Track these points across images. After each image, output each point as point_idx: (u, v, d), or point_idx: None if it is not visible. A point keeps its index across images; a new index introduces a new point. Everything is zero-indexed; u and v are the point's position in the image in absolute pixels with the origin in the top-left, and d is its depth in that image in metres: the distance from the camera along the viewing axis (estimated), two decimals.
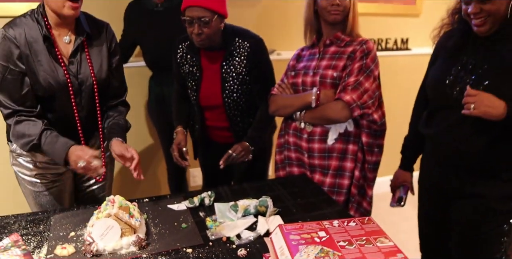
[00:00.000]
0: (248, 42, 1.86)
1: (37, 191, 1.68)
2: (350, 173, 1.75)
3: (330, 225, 1.25)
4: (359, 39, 1.71)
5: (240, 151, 1.88)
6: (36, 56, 1.51)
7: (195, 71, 1.94)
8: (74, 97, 1.58)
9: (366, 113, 1.66)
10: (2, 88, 1.51)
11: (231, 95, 1.90)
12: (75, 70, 1.57)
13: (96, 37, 1.63)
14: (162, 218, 1.44)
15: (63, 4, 1.46)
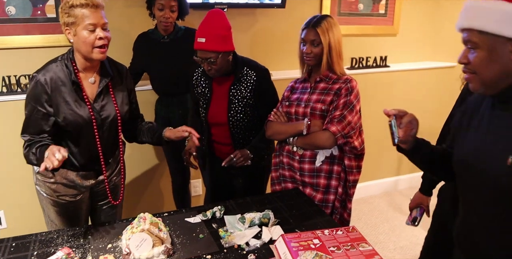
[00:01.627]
0: (255, 71, 2.15)
1: (57, 209, 1.93)
2: (335, 190, 2.05)
3: (322, 233, 1.55)
4: (344, 77, 1.99)
5: (239, 157, 2.15)
6: (64, 97, 1.75)
7: (206, 92, 2.22)
8: (97, 131, 1.83)
9: (348, 142, 1.96)
10: (28, 124, 1.77)
11: (235, 115, 2.18)
12: (99, 108, 1.82)
13: (117, 78, 1.89)
14: (182, 230, 1.73)
15: (92, 50, 1.71)
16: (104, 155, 1.90)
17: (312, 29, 1.95)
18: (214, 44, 1.99)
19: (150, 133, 2.00)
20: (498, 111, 1.23)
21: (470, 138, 1.30)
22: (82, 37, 1.68)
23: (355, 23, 3.48)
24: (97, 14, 1.68)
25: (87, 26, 1.66)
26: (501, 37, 1.11)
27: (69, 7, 1.65)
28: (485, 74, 1.16)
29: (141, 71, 2.63)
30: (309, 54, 1.97)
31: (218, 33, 1.99)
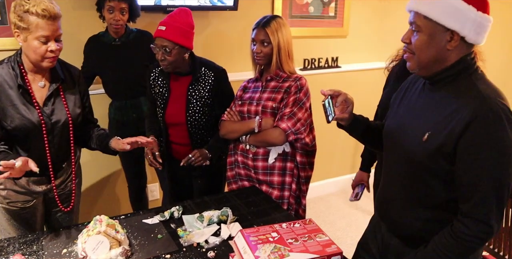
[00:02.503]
0: (213, 71, 2.17)
1: (9, 217, 1.85)
2: (289, 186, 2.09)
3: (280, 227, 1.58)
4: (294, 75, 2.05)
5: (198, 156, 2.15)
6: (11, 101, 1.69)
7: (164, 92, 2.21)
8: (47, 136, 1.77)
9: (299, 138, 2.00)
10: None
11: (194, 114, 2.18)
12: (49, 112, 1.76)
13: (69, 81, 1.83)
14: (139, 231, 1.71)
15: (42, 59, 1.66)
16: (55, 160, 1.84)
17: (261, 29, 1.99)
18: (173, 34, 2.01)
19: (98, 140, 1.94)
20: (426, 92, 1.35)
21: (399, 113, 1.44)
22: (33, 46, 1.62)
23: (306, 25, 3.55)
24: (53, 26, 1.61)
25: (39, 37, 1.60)
26: (442, 26, 1.22)
27: (24, 11, 1.57)
28: (422, 56, 1.27)
29: (93, 74, 2.58)
30: (259, 54, 2.01)
31: (179, 26, 2.02)
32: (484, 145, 1.19)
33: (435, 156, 1.27)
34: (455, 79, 1.28)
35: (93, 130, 1.99)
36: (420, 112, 1.35)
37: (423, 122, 1.32)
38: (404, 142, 1.37)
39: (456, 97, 1.25)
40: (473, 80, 1.26)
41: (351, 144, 3.87)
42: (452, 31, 1.22)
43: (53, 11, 1.59)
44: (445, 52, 1.25)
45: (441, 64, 1.27)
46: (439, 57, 1.26)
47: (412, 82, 1.47)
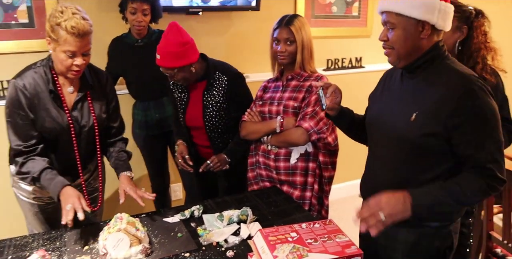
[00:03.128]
0: (226, 75, 2.16)
1: (36, 210, 1.91)
2: (311, 187, 2.07)
3: (299, 227, 1.56)
4: (315, 74, 2.03)
5: (216, 162, 2.16)
6: (43, 104, 1.73)
7: (183, 97, 2.24)
8: (75, 138, 1.82)
9: (321, 137, 1.97)
10: (13, 131, 1.73)
11: (211, 119, 2.19)
12: (77, 116, 1.81)
13: (97, 87, 1.86)
14: (160, 229, 1.72)
15: (67, 71, 1.69)
16: (82, 161, 1.88)
17: (285, 27, 1.98)
18: (167, 61, 2.02)
19: (114, 164, 1.94)
20: (406, 80, 1.51)
21: (382, 102, 1.58)
22: (59, 58, 1.65)
23: (329, 25, 3.52)
24: (81, 43, 1.63)
25: (66, 51, 1.63)
26: (413, 19, 1.38)
27: (56, 24, 1.60)
28: (400, 49, 1.42)
29: (117, 75, 2.62)
30: (283, 53, 1.99)
31: (170, 50, 2.00)
32: (478, 114, 1.34)
33: (425, 134, 1.39)
34: (432, 64, 1.44)
35: (115, 147, 1.98)
36: (404, 97, 1.48)
37: (408, 104, 1.45)
38: (391, 127, 1.49)
39: (438, 78, 1.41)
40: (449, 64, 1.44)
41: None
42: (423, 21, 1.38)
43: (82, 29, 1.60)
44: (420, 41, 1.41)
45: (417, 53, 1.43)
46: (415, 47, 1.42)
47: (389, 76, 1.63)
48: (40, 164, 1.72)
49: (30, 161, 1.72)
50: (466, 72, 1.41)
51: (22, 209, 1.95)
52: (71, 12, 1.61)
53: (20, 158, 1.73)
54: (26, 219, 1.97)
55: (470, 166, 1.38)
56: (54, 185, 1.68)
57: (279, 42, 2.01)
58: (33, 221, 1.93)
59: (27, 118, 1.72)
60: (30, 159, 1.73)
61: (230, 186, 2.37)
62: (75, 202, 1.59)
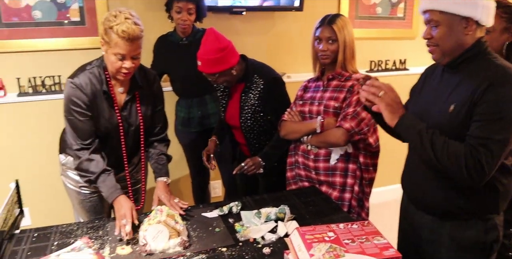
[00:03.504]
0: (263, 79, 2.17)
1: (81, 198, 2.00)
2: (351, 188, 2.04)
3: (337, 227, 1.55)
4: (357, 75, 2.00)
5: (250, 165, 2.18)
6: (98, 104, 1.81)
7: (224, 96, 2.29)
8: (124, 136, 1.89)
9: (362, 138, 1.95)
10: (73, 127, 1.80)
11: (246, 121, 2.21)
12: (126, 115, 1.87)
13: (145, 87, 1.92)
14: (198, 224, 1.75)
15: (117, 73, 1.75)
16: (128, 156, 1.96)
17: (327, 26, 1.97)
18: (208, 67, 2.06)
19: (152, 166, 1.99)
20: (447, 75, 1.52)
21: (421, 98, 1.60)
22: (110, 60, 1.71)
23: (373, 26, 3.48)
24: (131, 47, 1.67)
25: (116, 54, 1.68)
26: (458, 16, 1.40)
27: (109, 27, 1.66)
28: (445, 45, 1.44)
29: (161, 73, 2.68)
30: (325, 52, 1.98)
31: (209, 57, 2.04)
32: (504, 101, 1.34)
33: (463, 124, 1.40)
34: (474, 59, 1.45)
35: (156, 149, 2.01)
36: (444, 91, 1.50)
37: (447, 97, 1.47)
38: (430, 119, 1.49)
39: (478, 72, 1.41)
40: (491, 59, 1.44)
41: None
42: (467, 18, 1.39)
43: (133, 34, 1.65)
44: (464, 37, 1.42)
45: (461, 49, 1.44)
46: (459, 43, 1.43)
47: (430, 71, 1.64)
48: (98, 167, 1.79)
49: (89, 161, 1.79)
50: (506, 64, 1.41)
51: (69, 197, 2.04)
52: (124, 16, 1.66)
53: (80, 154, 1.80)
54: (73, 207, 2.06)
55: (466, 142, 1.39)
56: (110, 192, 1.77)
57: (320, 41, 2.00)
58: (79, 209, 2.02)
59: (86, 115, 1.79)
60: (89, 158, 1.79)
61: (269, 185, 2.38)
62: (127, 215, 1.66)
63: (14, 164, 2.72)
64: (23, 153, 2.72)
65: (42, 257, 1.49)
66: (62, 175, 2.01)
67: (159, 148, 2.01)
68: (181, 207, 1.83)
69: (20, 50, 2.60)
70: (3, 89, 2.62)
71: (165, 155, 2.01)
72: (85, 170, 1.80)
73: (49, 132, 2.36)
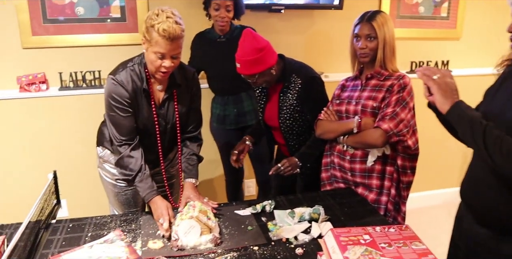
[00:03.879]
0: (301, 79, 2.12)
1: (117, 191, 2.02)
2: (388, 191, 1.98)
3: (373, 230, 1.49)
4: (397, 74, 1.93)
5: (287, 166, 2.14)
6: (137, 101, 1.81)
7: (262, 96, 2.27)
8: (159, 133, 1.90)
9: (401, 140, 1.87)
10: (114, 124, 1.81)
11: (285, 121, 2.18)
12: (164, 113, 1.88)
13: (184, 85, 1.91)
14: (231, 221, 1.73)
15: (156, 71, 1.75)
16: (163, 153, 1.97)
17: (367, 23, 1.91)
18: (247, 69, 2.03)
19: (182, 166, 1.97)
20: None
21: (496, 100, 1.41)
22: (150, 58, 1.71)
23: (415, 26, 3.38)
24: (171, 46, 1.66)
25: (156, 52, 1.68)
26: None
27: (150, 25, 1.66)
28: None
29: (198, 70, 2.67)
30: (364, 49, 1.93)
31: (247, 59, 2.00)
32: None
33: None
34: None
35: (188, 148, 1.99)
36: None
37: None
38: (502, 121, 1.30)
39: None
40: None
41: (459, 154, 3.57)
42: None
43: (173, 33, 1.64)
44: None
45: None
46: None
47: (510, 75, 1.43)
48: (137, 164, 1.80)
49: (129, 157, 1.81)
50: None
51: (105, 190, 2.07)
52: (166, 15, 1.65)
53: (121, 149, 1.82)
54: (108, 200, 2.08)
55: None
56: (146, 192, 1.78)
57: (359, 38, 1.94)
58: (114, 202, 2.05)
59: (127, 111, 1.80)
60: (129, 155, 1.81)
61: (305, 185, 2.34)
62: (164, 214, 1.67)
63: (53, 156, 2.79)
64: (62, 145, 2.80)
65: (75, 248, 1.51)
66: (99, 167, 2.04)
67: (191, 148, 2.00)
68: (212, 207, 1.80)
69: (63, 45, 2.68)
70: (46, 83, 2.69)
71: (196, 156, 2.00)
72: (125, 167, 1.82)
73: (89, 125, 2.40)
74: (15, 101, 2.65)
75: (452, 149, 3.62)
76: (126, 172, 1.82)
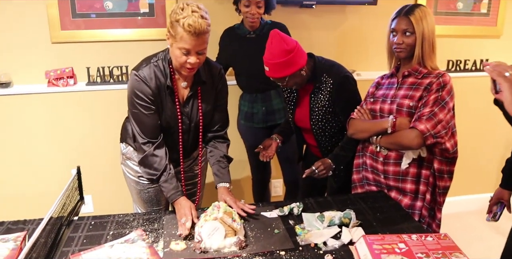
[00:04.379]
0: (332, 78, 2.03)
1: (140, 189, 1.97)
2: (423, 196, 1.86)
3: (409, 238, 1.40)
4: (436, 71, 1.81)
5: (321, 169, 2.05)
6: (161, 97, 1.75)
7: (292, 98, 2.18)
8: (182, 131, 1.83)
9: (438, 142, 1.75)
10: (138, 121, 1.76)
11: (317, 123, 2.09)
12: (187, 111, 1.82)
13: (209, 82, 1.84)
14: (257, 223, 1.65)
15: (181, 67, 1.68)
16: (185, 152, 1.91)
17: (404, 17, 1.80)
18: (277, 72, 1.95)
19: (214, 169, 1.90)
20: None
21: None
22: (175, 54, 1.65)
23: (453, 23, 3.23)
24: (196, 41, 1.59)
25: (181, 48, 1.61)
26: None
27: (175, 20, 1.59)
28: None
29: (226, 66, 2.62)
30: (400, 45, 1.82)
31: (276, 61, 1.92)
32: None
33: None
34: None
35: (217, 148, 1.92)
36: None
37: None
38: None
39: None
40: None
41: (497, 158, 3.40)
42: None
43: (199, 28, 1.57)
44: None
45: None
46: None
47: None
48: (161, 164, 1.75)
49: (153, 156, 1.75)
50: None
51: (128, 186, 2.03)
52: (191, 10, 1.58)
53: (145, 148, 1.76)
54: (132, 197, 2.04)
55: None
56: (171, 193, 1.73)
57: (396, 33, 1.83)
58: (137, 199, 2.01)
59: (150, 109, 1.74)
60: (154, 154, 1.75)
61: (338, 187, 2.25)
62: (187, 214, 1.62)
63: (79, 151, 2.79)
64: (89, 140, 2.79)
65: (96, 247, 1.47)
66: (122, 164, 2.00)
67: (221, 149, 1.92)
68: (247, 211, 1.70)
69: (91, 40, 2.66)
70: (74, 78, 2.68)
71: (227, 158, 1.93)
72: (149, 166, 1.76)
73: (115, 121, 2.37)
74: (42, 96, 2.65)
75: (489, 152, 3.46)
76: (150, 171, 1.77)
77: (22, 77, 2.66)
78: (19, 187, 2.79)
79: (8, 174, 2.76)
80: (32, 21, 2.57)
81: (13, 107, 2.65)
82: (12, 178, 2.77)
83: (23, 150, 2.74)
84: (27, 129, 2.71)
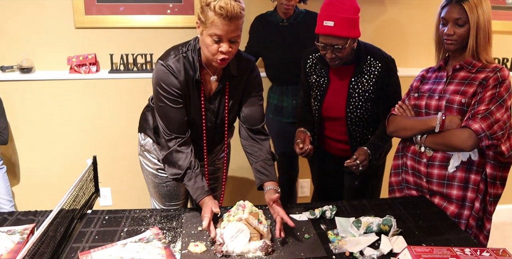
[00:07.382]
0: (380, 62, 1.86)
1: (157, 182, 1.83)
2: (471, 204, 1.67)
3: (462, 252, 1.21)
4: (493, 65, 1.62)
5: (363, 159, 1.85)
6: (188, 91, 1.60)
7: (322, 82, 1.98)
8: (206, 128, 1.69)
9: (494, 144, 1.56)
10: (164, 116, 1.61)
11: (355, 110, 1.92)
12: (213, 107, 1.67)
13: (239, 77, 1.68)
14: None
15: (212, 58, 1.51)
16: (209, 147, 1.77)
17: (456, 5, 1.60)
18: (343, 29, 1.74)
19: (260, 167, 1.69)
20: None
21: None
22: (205, 42, 1.49)
23: (501, 18, 3.00)
24: (229, 26, 1.44)
25: (212, 35, 1.46)
26: None
27: (206, 4, 1.45)
28: None
29: (256, 55, 2.47)
30: (451, 36, 1.62)
31: (347, 16, 1.73)
32: None
33: None
34: None
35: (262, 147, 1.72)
36: None
37: None
38: None
39: None
40: None
41: None
42: None
43: (232, 11, 1.42)
44: None
45: None
46: None
47: None
48: (186, 161, 1.60)
49: (178, 152, 1.61)
50: None
51: (145, 179, 1.89)
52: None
53: (170, 144, 1.62)
54: (148, 191, 1.91)
55: None
56: (197, 193, 1.57)
57: (446, 22, 1.64)
58: (154, 194, 1.88)
59: (178, 102, 1.60)
60: (178, 150, 1.61)
61: (362, 187, 2.06)
62: (206, 212, 1.47)
63: (100, 140, 2.69)
64: (111, 130, 2.70)
65: (107, 245, 1.34)
66: (140, 155, 1.87)
67: (266, 146, 1.74)
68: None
69: (116, 26, 2.55)
70: (97, 65, 2.58)
71: (272, 155, 1.75)
72: (174, 163, 1.61)
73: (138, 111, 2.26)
74: (64, 82, 2.57)
75: None
76: (175, 170, 1.61)
77: (44, 62, 2.58)
78: (37, 176, 2.71)
79: (26, 162, 2.68)
80: (56, 4, 2.48)
81: (34, 93, 2.57)
82: (30, 166, 2.70)
83: (41, 138, 2.66)
84: (46, 116, 2.63)
